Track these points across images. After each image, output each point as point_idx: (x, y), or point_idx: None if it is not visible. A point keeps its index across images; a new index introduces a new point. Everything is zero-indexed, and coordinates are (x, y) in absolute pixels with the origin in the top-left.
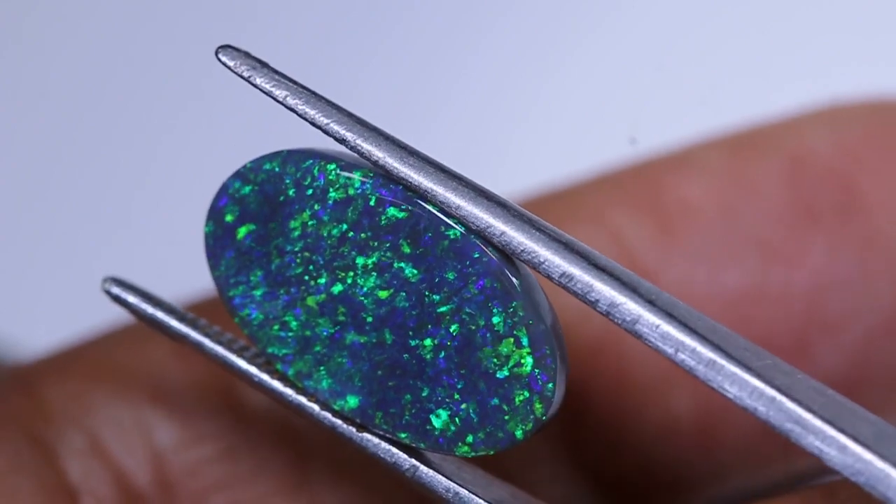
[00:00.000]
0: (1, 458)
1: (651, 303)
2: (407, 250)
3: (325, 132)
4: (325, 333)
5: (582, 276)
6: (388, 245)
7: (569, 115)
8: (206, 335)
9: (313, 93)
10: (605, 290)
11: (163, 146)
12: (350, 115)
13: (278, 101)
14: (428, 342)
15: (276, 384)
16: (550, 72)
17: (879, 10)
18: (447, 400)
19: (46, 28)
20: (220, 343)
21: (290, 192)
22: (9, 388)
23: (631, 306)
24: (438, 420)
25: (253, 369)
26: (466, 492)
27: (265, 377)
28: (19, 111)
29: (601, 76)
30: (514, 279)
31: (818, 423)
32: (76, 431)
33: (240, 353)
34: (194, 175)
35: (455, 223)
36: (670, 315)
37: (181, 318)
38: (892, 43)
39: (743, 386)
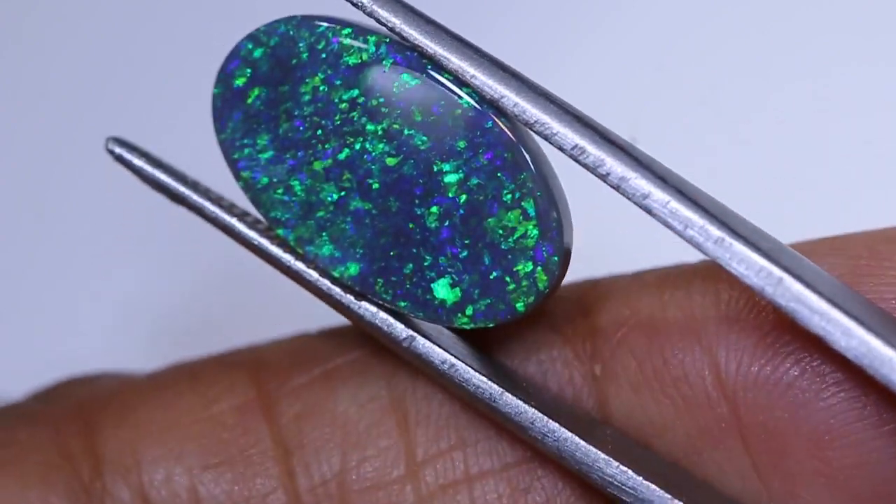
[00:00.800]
0: (52, 498)
1: (662, 179)
2: (418, 118)
3: None
4: (329, 199)
5: (594, 149)
6: (399, 112)
7: None
8: (207, 199)
9: None
10: (616, 165)
11: (172, 8)
12: None
13: None
14: (434, 210)
15: (276, 249)
16: (550, 72)
17: (879, 11)
18: (450, 269)
19: None
20: (220, 207)
21: (303, 56)
22: (68, 428)
23: (641, 182)
24: (440, 289)
25: (252, 234)
26: (463, 364)
27: (265, 241)
28: None
29: (601, 76)
30: (524, 151)
31: (824, 304)
32: (124, 485)
33: (240, 217)
34: (205, 38)
35: (468, 93)
36: (681, 192)
37: (182, 180)
38: (892, 43)
39: (750, 265)
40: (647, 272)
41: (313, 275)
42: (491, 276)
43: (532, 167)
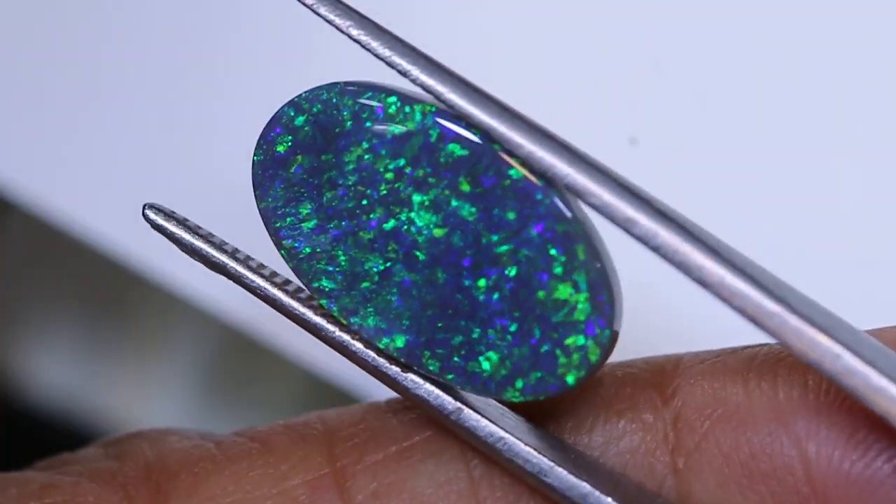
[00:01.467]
0: None
1: (716, 252)
2: (466, 188)
3: (388, 64)
4: (374, 270)
5: (647, 221)
6: (446, 182)
7: (569, 115)
8: (248, 268)
9: (377, 24)
10: (668, 237)
11: (216, 73)
12: (413, 49)
13: (341, 31)
14: (482, 283)
15: (319, 319)
16: (550, 72)
17: (880, 12)
18: (499, 342)
19: None
20: (261, 276)
21: (348, 125)
22: (137, 492)
23: (695, 255)
24: (488, 363)
25: (295, 303)
26: (511, 437)
27: (308, 312)
28: None
29: (601, 76)
30: (576, 222)
31: (883, 380)
32: None
33: (282, 286)
34: (244, 105)
35: (518, 163)
36: (735, 266)
37: (221, 248)
38: (892, 44)
39: (808, 341)
40: (729, 354)
41: (358, 346)
42: (541, 350)
43: (584, 239)
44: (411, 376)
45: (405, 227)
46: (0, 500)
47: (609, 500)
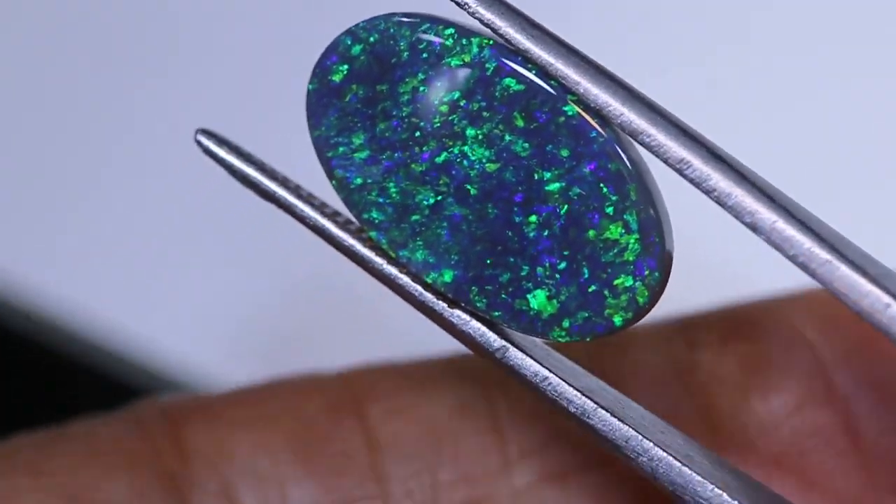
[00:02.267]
0: (132, 493)
1: (770, 198)
2: (520, 124)
3: None
4: (425, 203)
5: (700, 163)
6: (500, 117)
7: None
8: (298, 196)
9: None
10: (722, 181)
11: (267, 3)
12: None
13: None
14: (533, 219)
15: (367, 251)
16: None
17: (879, 12)
18: (547, 280)
19: None
20: (311, 205)
21: (404, 55)
22: (153, 423)
23: (748, 199)
24: (536, 300)
25: (343, 234)
26: (556, 378)
27: (356, 243)
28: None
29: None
30: (628, 162)
31: None
32: (212, 477)
33: (331, 217)
34: (302, 31)
35: (573, 100)
36: (788, 212)
37: (273, 176)
38: (891, 44)
39: (859, 290)
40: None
41: (405, 279)
42: (590, 290)
43: (636, 179)
44: (458, 312)
45: (458, 160)
46: None
47: (651, 443)
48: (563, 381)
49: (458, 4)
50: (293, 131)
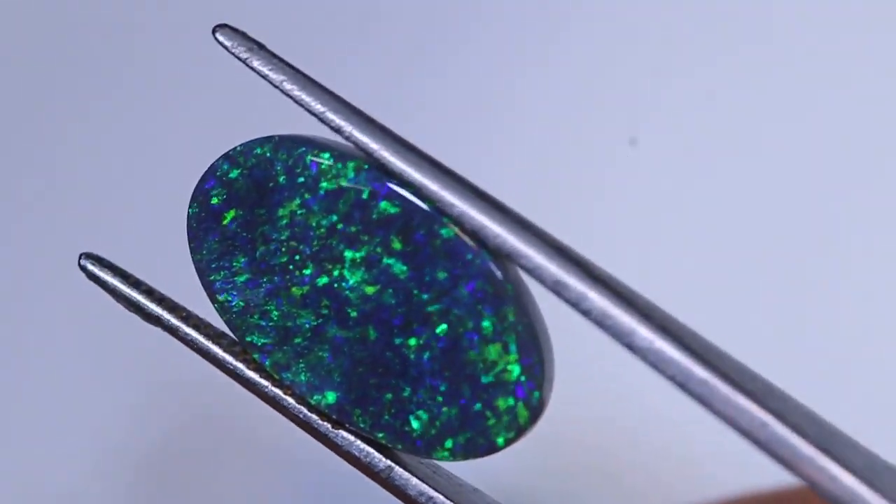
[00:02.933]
0: None
1: (646, 317)
2: (398, 246)
3: (321, 120)
4: (306, 325)
5: (576, 284)
6: (378, 240)
7: (569, 115)
8: (183, 320)
9: (311, 79)
10: (598, 301)
11: (151, 125)
12: (347, 105)
13: (274, 86)
14: (413, 342)
15: (252, 374)
16: (550, 71)
17: (879, 11)
18: (429, 402)
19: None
20: (196, 328)
21: (280, 179)
22: None
23: (625, 319)
24: (418, 422)
25: (229, 357)
26: (441, 497)
27: (241, 366)
28: None
29: (601, 76)
30: (506, 284)
31: (810, 450)
32: None
33: (216, 340)
34: (180, 156)
35: (449, 222)
36: (666, 330)
37: (159, 300)
38: (890, 44)
39: (736, 408)
40: None
41: (290, 401)
42: (471, 411)
43: (514, 301)
44: (342, 433)
45: (337, 283)
46: None
47: None
48: (450, 500)
49: (332, 129)
50: (181, 253)
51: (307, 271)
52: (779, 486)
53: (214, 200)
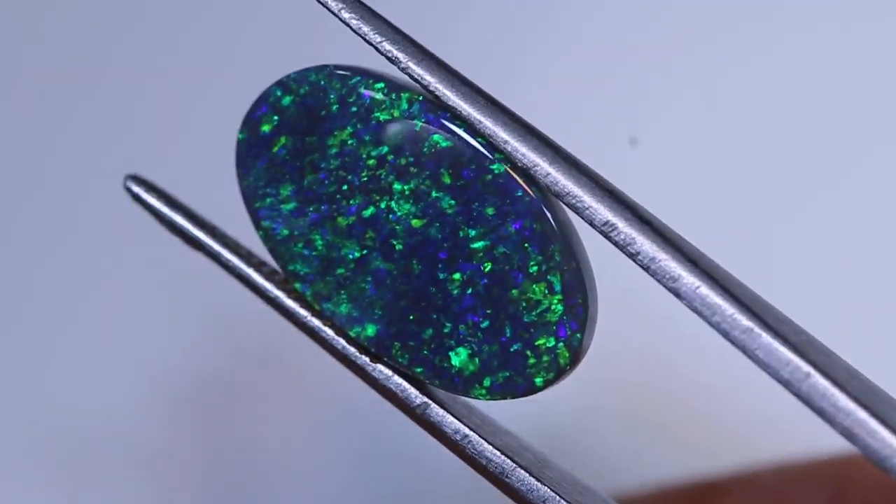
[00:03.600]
0: None
1: (693, 262)
2: (447, 180)
3: (378, 50)
4: (350, 256)
5: (625, 226)
6: (427, 173)
7: (569, 114)
8: (225, 245)
9: (370, 9)
10: (646, 244)
11: (202, 50)
12: (404, 36)
13: (332, 13)
14: (457, 276)
15: (291, 303)
16: (550, 71)
17: (879, 11)
18: (469, 338)
19: None
20: (237, 255)
21: (333, 108)
22: None
23: (672, 264)
24: (457, 358)
25: (268, 285)
26: (476, 436)
27: (280, 294)
28: None
29: (601, 76)
30: (554, 223)
31: (851, 404)
32: None
33: (257, 267)
34: (230, 83)
35: (500, 159)
36: (712, 278)
37: (201, 224)
38: (890, 43)
39: (779, 358)
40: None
41: (329, 333)
42: (511, 349)
43: (561, 240)
44: (380, 367)
45: (384, 215)
46: None
47: (565, 502)
48: (484, 439)
49: (388, 60)
50: (225, 179)
51: (354, 202)
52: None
53: (265, 127)
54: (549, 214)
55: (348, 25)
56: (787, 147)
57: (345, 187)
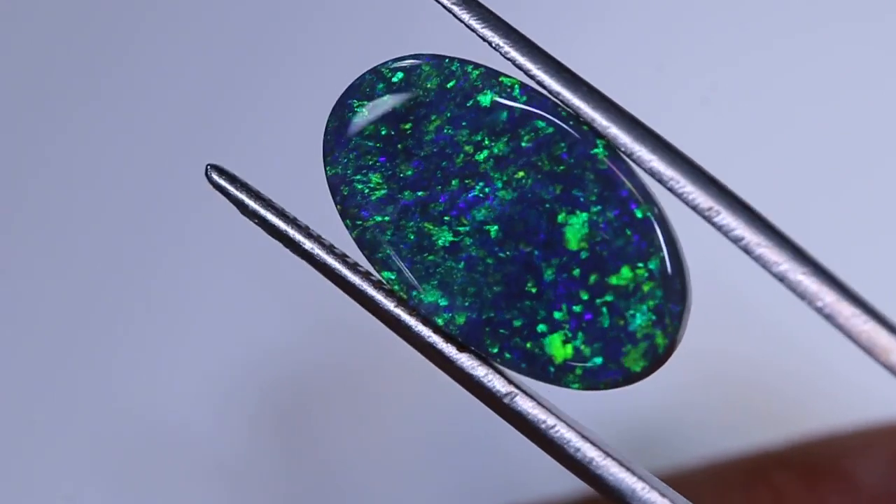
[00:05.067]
0: None
1: (798, 251)
2: (547, 166)
3: (480, 37)
4: (441, 243)
5: (728, 213)
6: (526, 159)
7: None
8: (307, 235)
9: None
10: (747, 231)
11: (291, 42)
12: (505, 24)
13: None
14: (554, 262)
15: (375, 293)
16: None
17: (879, 11)
18: (564, 324)
19: None
20: (321, 245)
21: (431, 94)
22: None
23: (775, 252)
24: (552, 345)
25: (352, 274)
26: (566, 425)
27: (365, 284)
28: None
29: (601, 76)
30: (655, 209)
31: None
32: None
33: (339, 257)
34: (320, 69)
35: (602, 145)
36: (817, 266)
37: (282, 215)
38: (890, 42)
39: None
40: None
41: (413, 321)
42: (608, 336)
43: (661, 228)
44: (466, 356)
45: (479, 200)
46: None
47: (656, 494)
48: (572, 428)
49: (491, 46)
50: (301, 170)
51: (449, 187)
52: None
53: (357, 115)
54: (648, 200)
55: (451, 11)
56: (787, 147)
57: (439, 174)
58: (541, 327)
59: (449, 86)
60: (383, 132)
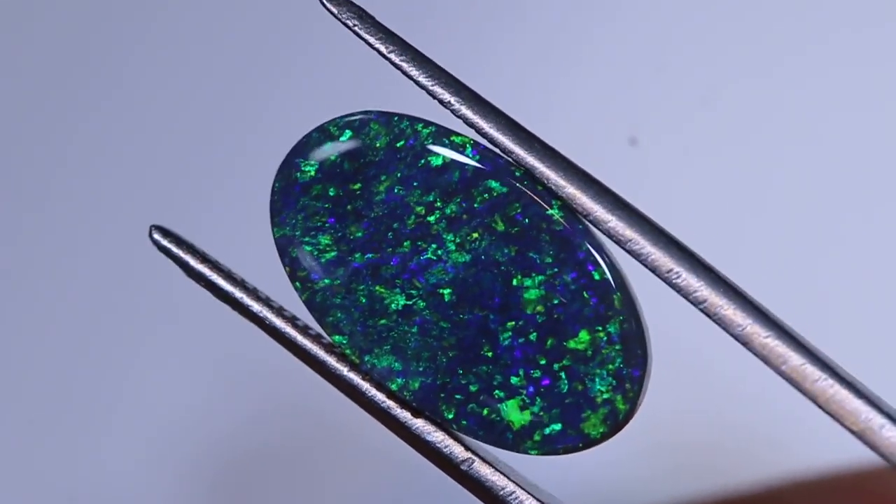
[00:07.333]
0: None
1: (761, 312)
2: (501, 228)
3: (430, 94)
4: (394, 307)
5: (688, 274)
6: (480, 220)
7: (569, 114)
8: (256, 298)
9: (420, 53)
10: (708, 292)
11: (238, 96)
12: (456, 81)
13: (382, 55)
14: (510, 325)
15: (327, 356)
16: (550, 71)
17: (879, 11)
18: (521, 390)
19: None
20: (268, 307)
21: (379, 153)
22: None
23: (738, 314)
24: (509, 411)
25: (302, 338)
26: (524, 492)
27: (315, 347)
28: None
29: (601, 76)
30: (612, 270)
31: None
32: None
33: (290, 320)
34: (263, 126)
35: (557, 205)
36: (781, 328)
37: (229, 277)
38: (890, 42)
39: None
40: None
41: (367, 387)
42: (566, 401)
43: (620, 289)
44: (422, 422)
45: (432, 263)
46: None
47: None
48: (531, 495)
49: (442, 104)
50: (250, 231)
51: (401, 250)
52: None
53: (304, 174)
54: (607, 263)
55: (399, 68)
56: (787, 146)
57: (390, 235)
58: (497, 393)
59: (399, 145)
60: (332, 193)
